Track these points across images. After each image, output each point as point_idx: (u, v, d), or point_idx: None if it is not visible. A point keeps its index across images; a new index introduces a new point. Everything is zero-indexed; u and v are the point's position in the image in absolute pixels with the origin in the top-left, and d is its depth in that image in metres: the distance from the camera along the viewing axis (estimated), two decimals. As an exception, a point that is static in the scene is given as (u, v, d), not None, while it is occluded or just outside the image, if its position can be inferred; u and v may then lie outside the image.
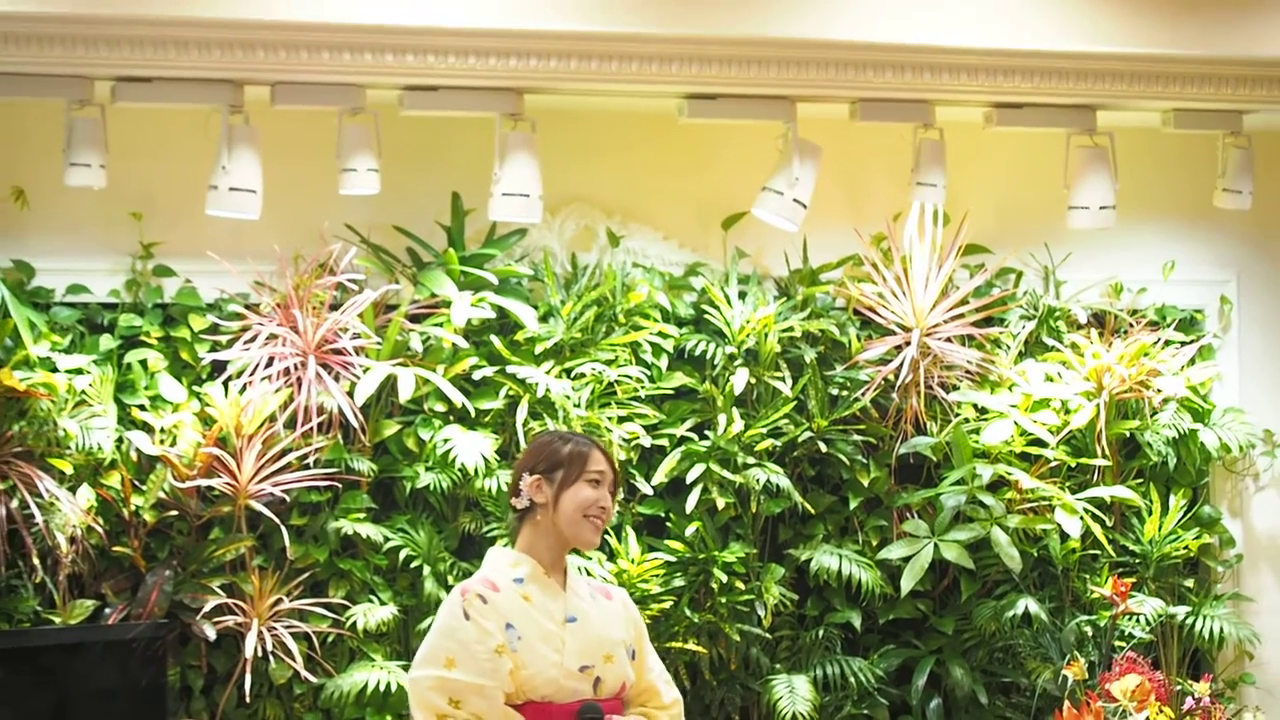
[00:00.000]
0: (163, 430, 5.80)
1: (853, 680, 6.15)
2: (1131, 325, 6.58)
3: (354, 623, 5.81)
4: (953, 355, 6.30)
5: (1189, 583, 6.61)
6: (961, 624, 6.34)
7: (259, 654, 5.67)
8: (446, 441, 5.89)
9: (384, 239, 6.13)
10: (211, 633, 5.64)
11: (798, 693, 5.99)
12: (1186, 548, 6.49)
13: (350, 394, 5.83)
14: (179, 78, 5.58)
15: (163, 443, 5.78)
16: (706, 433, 6.16)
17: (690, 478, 6.03)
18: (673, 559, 6.04)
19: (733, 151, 6.35)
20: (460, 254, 6.05)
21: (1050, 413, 6.38)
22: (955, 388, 6.35)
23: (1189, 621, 6.46)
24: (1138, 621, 6.35)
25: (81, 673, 5.58)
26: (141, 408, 5.82)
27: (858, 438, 6.32)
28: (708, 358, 6.21)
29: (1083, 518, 6.23)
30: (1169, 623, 6.48)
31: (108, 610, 5.67)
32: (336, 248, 5.96)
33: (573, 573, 4.63)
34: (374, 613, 5.83)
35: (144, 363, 5.86)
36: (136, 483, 5.77)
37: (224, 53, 5.50)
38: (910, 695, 6.24)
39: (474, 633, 4.35)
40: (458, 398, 5.91)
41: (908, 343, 6.26)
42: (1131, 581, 6.21)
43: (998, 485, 6.29)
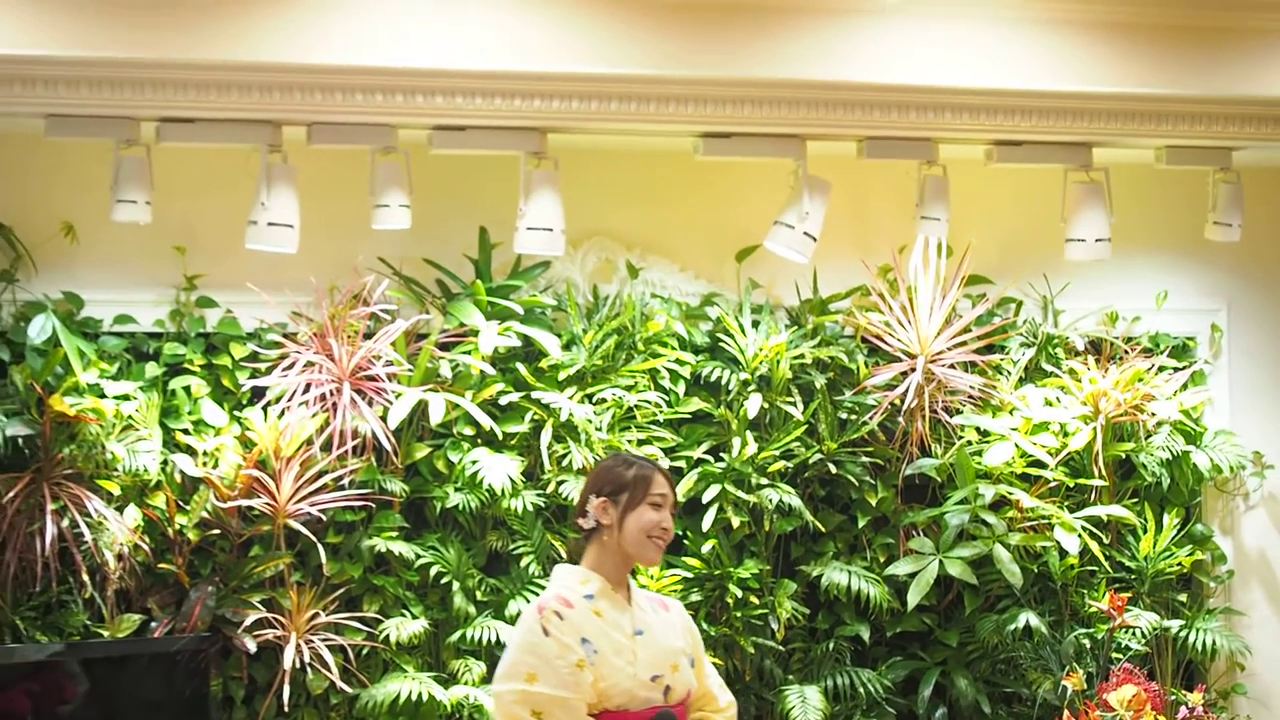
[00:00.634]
0: (205, 453, 5.83)
1: (862, 691, 6.18)
2: (1126, 352, 6.60)
3: (387, 636, 5.84)
4: (956, 381, 6.32)
5: (1182, 597, 6.64)
6: (965, 637, 6.37)
7: (297, 665, 5.71)
8: (475, 463, 5.92)
9: (415, 271, 6.15)
10: (252, 645, 5.68)
11: (809, 703, 6.03)
12: (1180, 564, 6.53)
13: (383, 418, 5.85)
14: (220, 119, 5.61)
15: (205, 465, 5.81)
16: (722, 455, 6.19)
17: (706, 498, 6.07)
18: (690, 575, 6.08)
19: (746, 187, 6.38)
20: (487, 285, 6.08)
21: (1049, 435, 6.42)
22: (959, 412, 6.37)
23: (1183, 634, 6.49)
24: (1134, 634, 6.39)
25: (129, 684, 5.60)
26: (185, 432, 5.85)
27: (866, 459, 6.36)
28: (723, 383, 6.24)
29: (1081, 535, 6.26)
30: (1164, 635, 6.51)
31: (153, 624, 5.72)
32: (370, 279, 5.97)
33: (635, 587, 4.69)
34: (406, 626, 5.86)
35: (187, 389, 5.90)
36: (181, 503, 5.81)
37: (263, 95, 5.55)
38: (917, 705, 6.28)
39: (554, 648, 4.42)
40: (485, 422, 5.94)
41: (913, 369, 6.29)
42: (1127, 596, 6.22)
43: (999, 504, 6.32)
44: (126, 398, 5.82)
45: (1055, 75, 5.97)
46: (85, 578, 5.67)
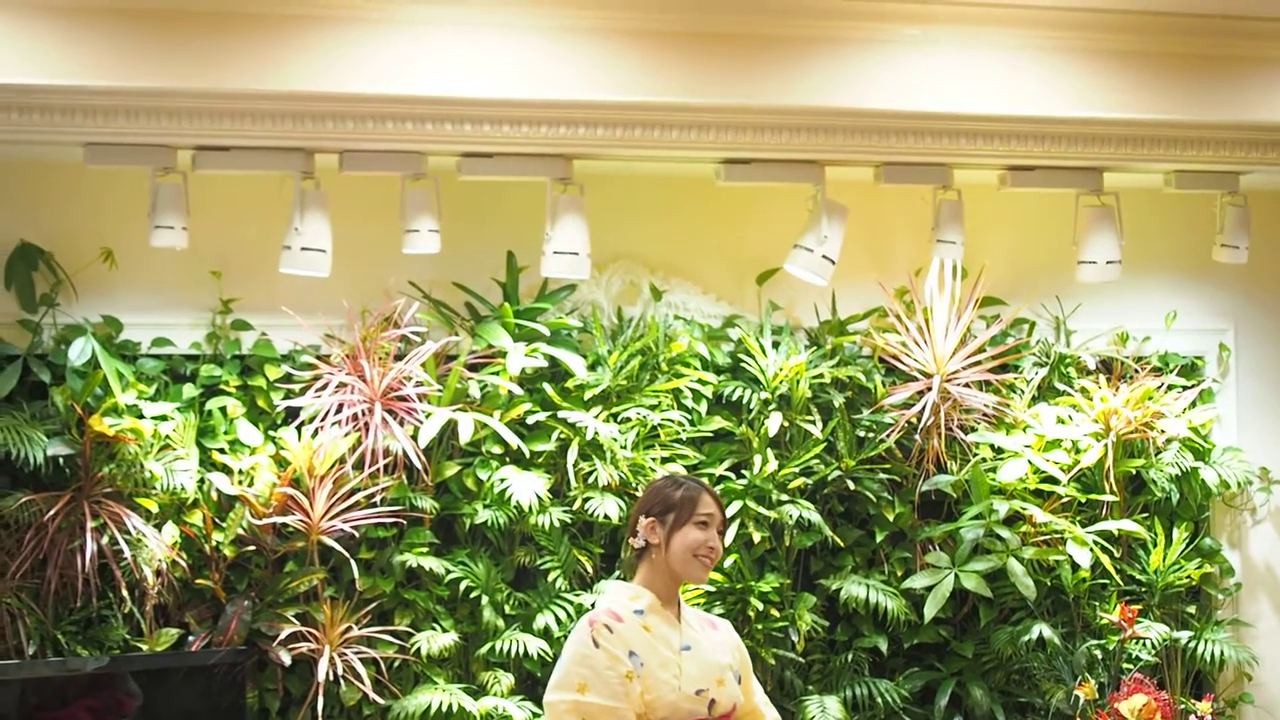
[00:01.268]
0: (241, 472, 5.92)
1: (880, 701, 6.24)
2: (1137, 371, 6.65)
3: (418, 648, 5.91)
4: (971, 399, 6.38)
5: (1191, 609, 6.68)
6: (980, 648, 6.43)
7: (330, 678, 5.80)
8: (503, 481, 6.00)
9: (444, 295, 6.22)
10: (287, 658, 5.77)
11: (829, 713, 6.08)
12: (1189, 577, 6.57)
13: (414, 437, 5.92)
14: (255, 146, 5.68)
15: (241, 483, 5.90)
16: (743, 472, 6.25)
17: (728, 514, 5.98)
18: (712, 589, 6.13)
19: (766, 212, 6.43)
20: (515, 308, 6.14)
21: (1062, 452, 6.47)
22: (973, 429, 6.43)
23: (1192, 645, 6.54)
24: (1144, 645, 6.43)
25: (167, 696, 5.68)
26: (221, 451, 5.93)
27: (883, 476, 6.41)
28: (744, 403, 6.30)
29: (1092, 549, 6.32)
30: (1173, 646, 6.56)
31: (191, 638, 5.81)
32: (400, 303, 6.06)
33: (685, 605, 4.76)
34: (436, 639, 5.94)
35: (223, 410, 5.97)
36: (217, 520, 5.89)
37: (296, 123, 5.60)
38: (934, 714, 6.34)
39: (604, 659, 4.49)
40: (513, 440, 6.02)
41: (929, 388, 6.35)
42: (1138, 608, 6.28)
43: (1013, 519, 6.37)
44: (164, 418, 5.88)
45: (1067, 102, 5.96)
46: (125, 593, 5.75)
